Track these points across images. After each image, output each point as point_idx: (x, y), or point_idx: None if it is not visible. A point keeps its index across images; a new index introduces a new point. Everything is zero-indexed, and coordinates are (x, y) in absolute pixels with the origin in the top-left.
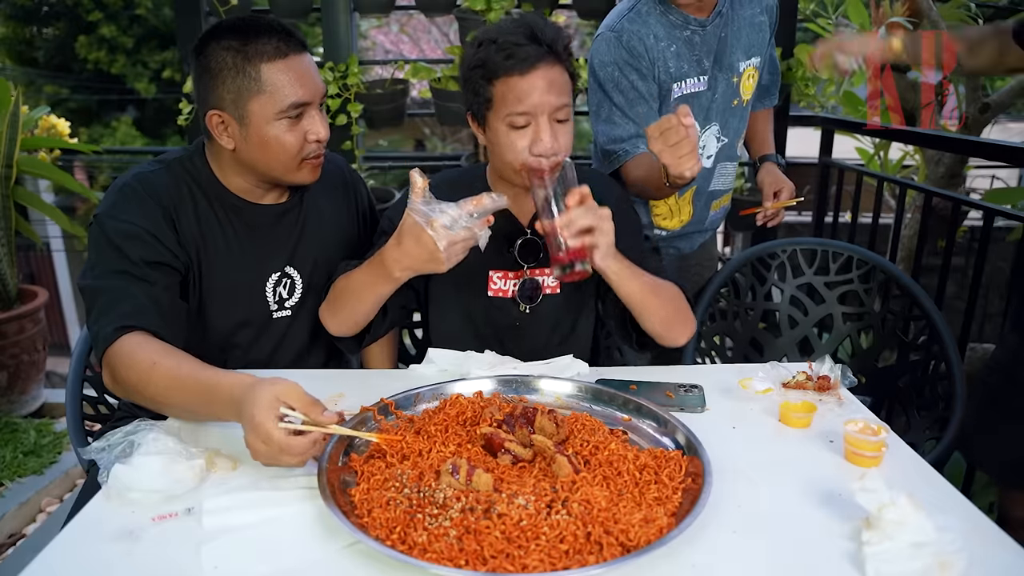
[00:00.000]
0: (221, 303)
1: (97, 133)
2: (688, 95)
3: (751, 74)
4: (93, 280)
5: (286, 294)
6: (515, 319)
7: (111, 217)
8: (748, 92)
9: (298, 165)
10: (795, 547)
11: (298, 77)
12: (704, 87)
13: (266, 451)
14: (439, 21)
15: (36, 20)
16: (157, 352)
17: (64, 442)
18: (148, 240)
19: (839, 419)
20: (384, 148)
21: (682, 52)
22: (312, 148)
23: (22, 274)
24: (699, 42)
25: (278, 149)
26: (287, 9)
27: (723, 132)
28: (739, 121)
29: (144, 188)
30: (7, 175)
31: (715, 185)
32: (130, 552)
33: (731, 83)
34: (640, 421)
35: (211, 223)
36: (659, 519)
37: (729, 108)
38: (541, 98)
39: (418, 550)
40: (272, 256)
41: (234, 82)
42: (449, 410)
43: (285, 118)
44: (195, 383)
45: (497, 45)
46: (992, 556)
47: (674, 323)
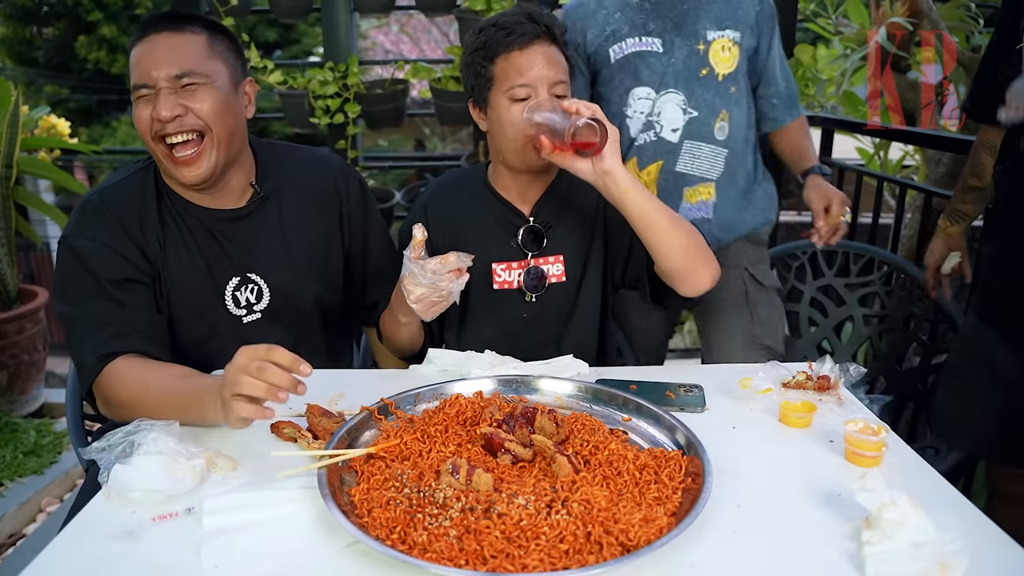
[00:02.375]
0: (183, 309)
1: (97, 133)
2: (632, 54)
3: (726, 46)
4: (67, 306)
5: (253, 299)
6: (522, 310)
7: (76, 237)
8: (724, 66)
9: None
10: (795, 547)
11: (139, 58)
12: (656, 49)
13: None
14: (439, 21)
15: (36, 20)
16: (146, 373)
17: (64, 442)
18: (113, 258)
19: (839, 419)
20: (384, 148)
21: (624, 14)
22: (156, 127)
23: (22, 274)
24: (649, 6)
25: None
26: (287, 9)
27: (690, 103)
28: (715, 96)
29: (104, 203)
30: (7, 175)
31: (684, 166)
32: (130, 552)
33: (695, 51)
34: (640, 421)
35: (171, 228)
36: (659, 519)
37: (696, 78)
38: (540, 71)
39: (418, 550)
40: (229, 261)
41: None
42: (449, 410)
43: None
44: (182, 396)
45: (497, 27)
46: (992, 556)
47: (696, 258)
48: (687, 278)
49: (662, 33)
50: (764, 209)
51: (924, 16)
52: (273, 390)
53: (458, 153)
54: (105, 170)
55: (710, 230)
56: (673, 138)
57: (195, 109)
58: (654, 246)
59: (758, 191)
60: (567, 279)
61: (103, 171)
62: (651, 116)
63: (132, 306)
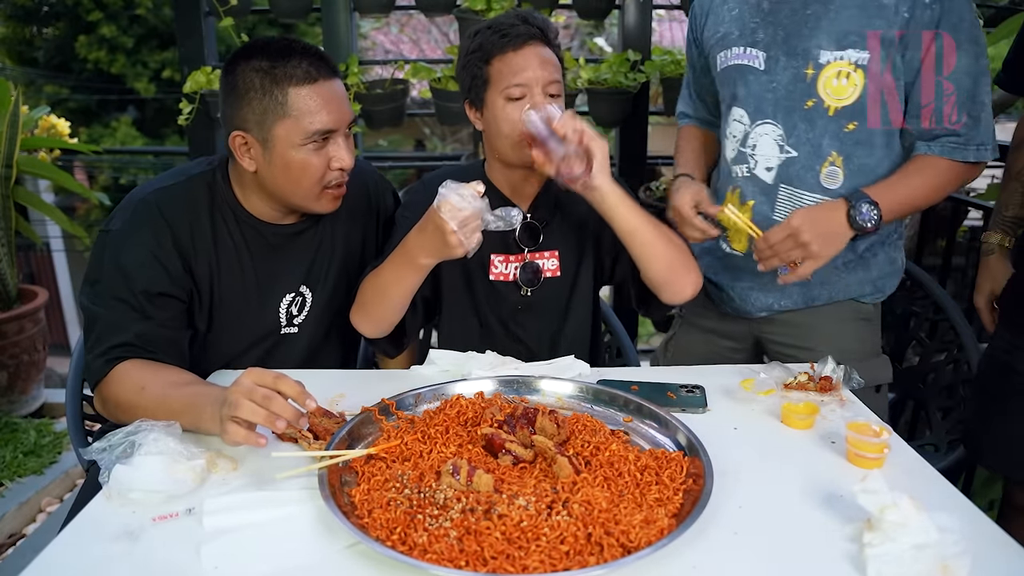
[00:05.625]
0: (233, 323)
1: (97, 133)
2: (733, 68)
3: (843, 72)
4: (93, 303)
5: (296, 311)
6: (517, 303)
7: (122, 238)
8: (838, 97)
9: (319, 193)
10: (796, 548)
11: (326, 103)
12: (758, 65)
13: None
14: (439, 21)
15: (36, 20)
16: (146, 376)
17: (64, 442)
18: (155, 269)
19: (841, 420)
20: (384, 148)
21: (742, 14)
22: (335, 176)
23: (22, 274)
24: (767, 8)
25: (300, 175)
26: (287, 9)
27: (789, 140)
28: (822, 135)
29: (160, 208)
30: (7, 175)
31: (780, 214)
32: (130, 552)
33: (801, 75)
34: (641, 422)
35: (226, 243)
36: (660, 520)
37: (799, 109)
38: (535, 72)
39: (418, 551)
40: (287, 275)
41: (260, 104)
42: (450, 411)
43: (310, 143)
44: (180, 402)
45: (492, 29)
46: (993, 556)
47: (678, 269)
48: (670, 287)
49: (769, 46)
50: (877, 276)
51: None
52: (272, 419)
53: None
54: (105, 170)
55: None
56: (767, 178)
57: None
58: (638, 256)
59: (879, 254)
60: (562, 274)
61: (103, 171)
62: (744, 147)
63: (157, 320)
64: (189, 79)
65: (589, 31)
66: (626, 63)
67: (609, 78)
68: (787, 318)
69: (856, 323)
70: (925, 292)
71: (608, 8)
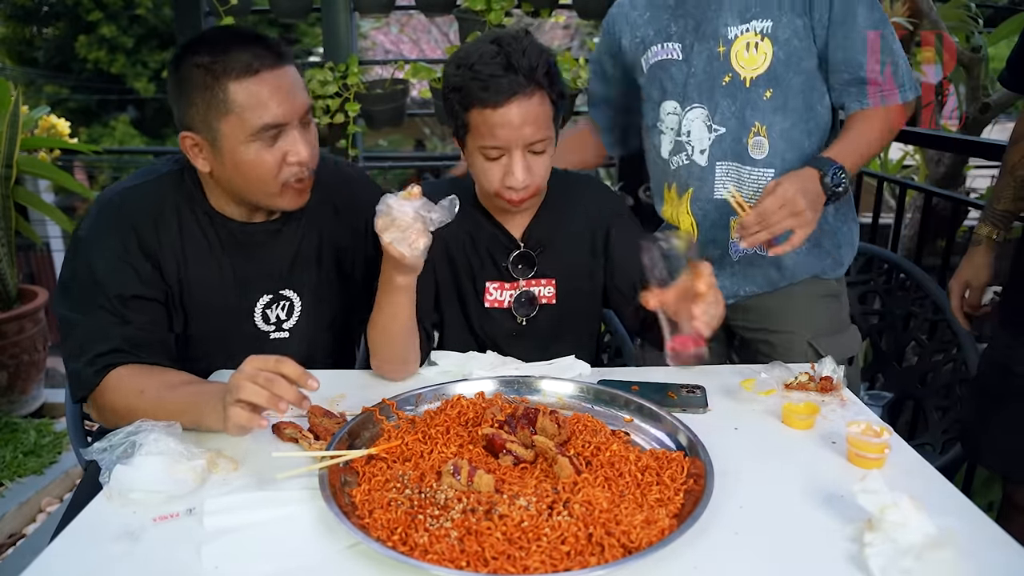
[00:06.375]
0: (205, 326)
1: (97, 133)
2: (657, 64)
3: (751, 42)
4: (68, 310)
5: (284, 315)
6: (512, 329)
7: (89, 242)
8: (751, 67)
9: (279, 190)
10: (797, 549)
11: (271, 95)
12: (676, 56)
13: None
14: (439, 21)
15: (36, 20)
16: (142, 379)
17: (64, 442)
18: (123, 272)
19: (842, 420)
20: (384, 148)
21: (654, 15)
22: (292, 171)
23: (22, 274)
24: (673, 3)
25: (253, 172)
26: (287, 9)
27: (715, 118)
28: (743, 107)
29: (123, 205)
30: (7, 175)
31: (722, 192)
32: (131, 552)
33: (715, 54)
34: (642, 422)
35: (196, 243)
36: (661, 520)
37: (719, 87)
38: (514, 133)
39: (419, 551)
40: (263, 277)
41: (203, 101)
42: (451, 411)
43: (258, 140)
44: (181, 402)
45: (473, 72)
46: (993, 556)
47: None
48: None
49: (683, 36)
50: (833, 246)
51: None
52: (275, 399)
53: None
54: (105, 170)
55: (765, 271)
56: (702, 160)
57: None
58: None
59: (825, 227)
60: (558, 302)
61: (103, 171)
62: (679, 136)
63: (137, 323)
64: None
65: (589, 31)
66: None
67: None
68: (754, 303)
69: (823, 300)
70: (924, 292)
71: (608, 7)
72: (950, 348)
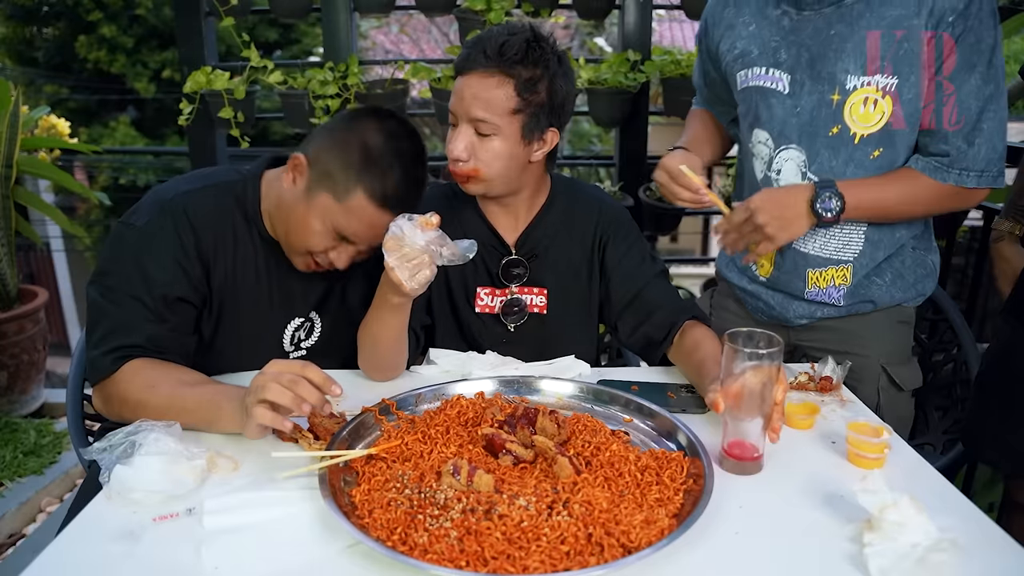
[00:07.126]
0: (234, 337)
1: (97, 133)
2: (755, 89)
3: (871, 98)
4: (103, 296)
5: (304, 336)
6: (501, 335)
7: (146, 237)
8: (865, 124)
9: (301, 256)
10: (797, 548)
11: (367, 228)
12: (782, 89)
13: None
14: (439, 21)
15: (36, 20)
16: (156, 374)
17: (64, 442)
18: (176, 274)
19: (841, 420)
20: None
21: (760, 31)
22: (320, 259)
23: (22, 274)
24: (788, 26)
25: (299, 233)
26: (287, 9)
27: (811, 167)
28: (846, 163)
29: (187, 211)
30: (7, 175)
31: (805, 245)
32: (131, 552)
33: (827, 101)
34: (642, 422)
35: (247, 259)
36: (660, 520)
37: (823, 136)
38: (463, 103)
39: (419, 551)
40: (299, 300)
41: (339, 166)
42: (450, 411)
43: (328, 228)
44: (194, 400)
45: (464, 46)
46: (992, 556)
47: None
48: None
49: (793, 68)
50: (914, 280)
51: None
52: (299, 401)
53: None
54: (105, 170)
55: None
56: None
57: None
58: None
59: (907, 260)
60: (548, 312)
61: (103, 171)
62: (769, 171)
63: (170, 324)
64: (189, 79)
65: (589, 31)
66: (626, 63)
67: (609, 78)
68: (829, 324)
69: (896, 326)
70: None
71: (608, 8)
72: (950, 348)
